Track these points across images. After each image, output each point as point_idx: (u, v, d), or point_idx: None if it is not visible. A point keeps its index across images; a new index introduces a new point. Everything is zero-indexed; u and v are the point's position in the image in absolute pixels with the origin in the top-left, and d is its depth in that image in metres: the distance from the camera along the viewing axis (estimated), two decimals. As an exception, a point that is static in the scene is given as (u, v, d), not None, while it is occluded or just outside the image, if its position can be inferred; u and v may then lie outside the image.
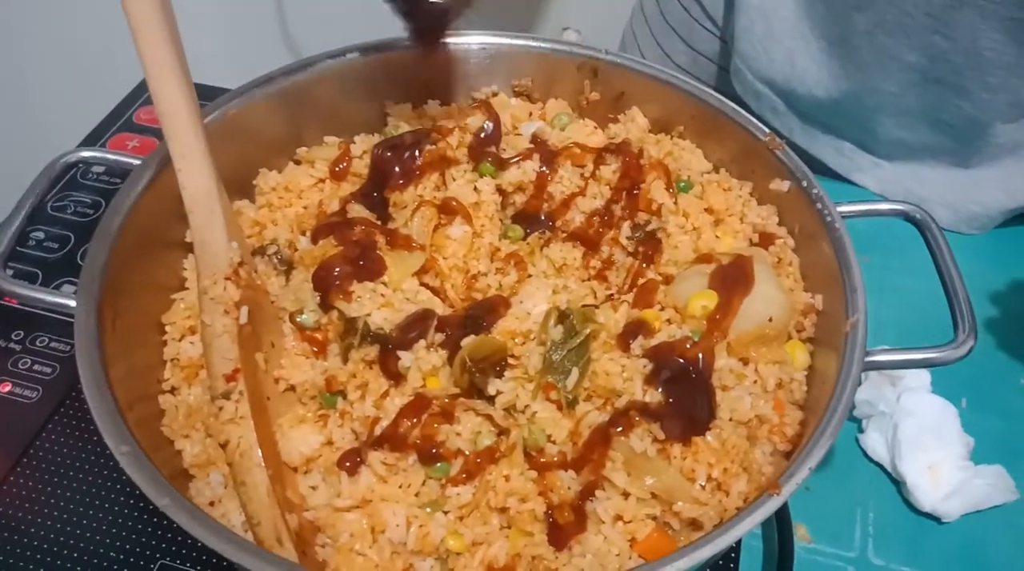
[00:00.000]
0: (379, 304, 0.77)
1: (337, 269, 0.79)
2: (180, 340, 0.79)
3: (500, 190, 0.88)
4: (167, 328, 0.80)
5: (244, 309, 0.72)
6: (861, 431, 0.91)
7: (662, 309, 0.77)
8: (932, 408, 0.89)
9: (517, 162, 0.88)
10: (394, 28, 1.00)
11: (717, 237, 0.84)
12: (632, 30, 1.40)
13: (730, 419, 0.71)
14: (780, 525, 0.81)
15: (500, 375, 0.73)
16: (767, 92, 1.16)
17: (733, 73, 1.19)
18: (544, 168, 0.88)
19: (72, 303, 0.71)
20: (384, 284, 0.80)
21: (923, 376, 0.92)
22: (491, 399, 0.72)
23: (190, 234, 0.76)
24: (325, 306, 0.78)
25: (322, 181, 0.90)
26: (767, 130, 0.85)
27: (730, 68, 1.20)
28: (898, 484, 0.87)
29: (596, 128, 0.94)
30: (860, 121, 1.10)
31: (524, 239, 0.85)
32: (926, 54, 0.98)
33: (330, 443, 0.72)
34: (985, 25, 0.91)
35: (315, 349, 0.77)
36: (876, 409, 0.90)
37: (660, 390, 0.70)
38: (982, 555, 0.83)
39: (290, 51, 1.93)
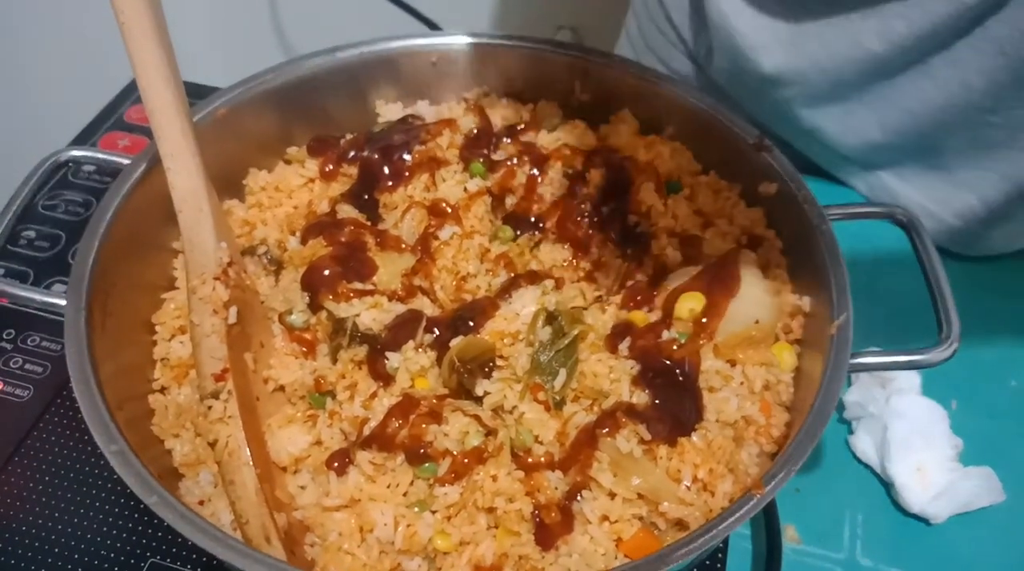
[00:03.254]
0: (368, 305, 0.77)
1: (326, 270, 0.79)
2: (170, 340, 0.80)
3: (491, 192, 0.88)
4: (157, 328, 0.80)
5: (233, 309, 0.72)
6: (851, 433, 0.91)
7: (650, 310, 0.77)
8: (921, 410, 0.89)
9: (508, 163, 0.89)
10: (386, 27, 1.00)
11: (706, 239, 0.84)
12: (621, 51, 1.40)
13: (716, 420, 0.71)
14: (769, 526, 0.82)
15: (488, 376, 0.73)
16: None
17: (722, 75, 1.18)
18: (534, 170, 0.88)
19: (62, 302, 0.71)
20: (374, 285, 0.80)
21: (913, 378, 0.92)
22: (479, 400, 0.72)
23: (180, 238, 0.76)
24: (314, 306, 0.78)
25: (312, 181, 0.91)
26: (756, 132, 0.85)
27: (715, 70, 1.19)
28: (887, 486, 0.87)
29: (586, 129, 0.95)
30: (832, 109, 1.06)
31: (514, 240, 0.86)
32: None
33: (319, 443, 0.73)
34: None
35: (304, 349, 0.77)
36: (866, 411, 0.90)
37: (647, 391, 0.71)
38: (970, 556, 0.83)
39: (283, 49, 1.93)
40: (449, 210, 0.86)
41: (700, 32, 1.15)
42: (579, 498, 0.68)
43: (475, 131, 0.92)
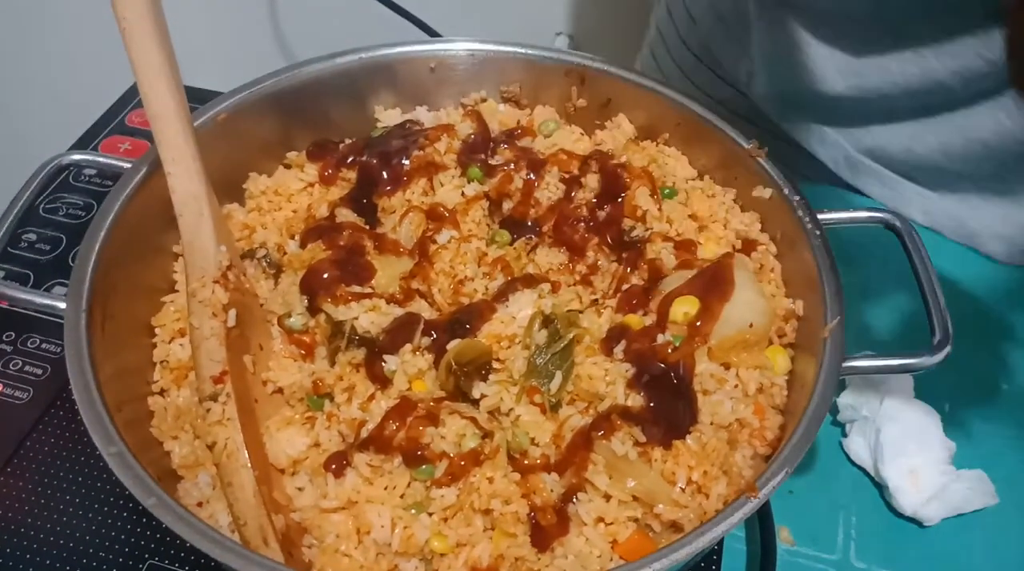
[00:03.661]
0: (366, 308, 0.77)
1: (325, 273, 0.79)
2: (169, 342, 0.80)
3: (488, 196, 0.89)
4: (156, 330, 0.81)
5: (232, 312, 0.73)
6: (844, 435, 0.92)
7: (645, 314, 0.78)
8: (914, 413, 0.90)
9: (505, 168, 0.89)
10: (386, 33, 1.01)
11: (701, 243, 0.85)
12: (642, 66, 1.39)
13: (711, 423, 0.72)
14: (763, 527, 0.82)
15: (485, 378, 0.74)
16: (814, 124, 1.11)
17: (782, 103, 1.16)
18: (531, 175, 0.89)
19: (62, 305, 0.72)
20: (372, 288, 0.81)
21: (906, 381, 0.93)
22: (476, 402, 0.73)
23: (180, 241, 0.77)
24: (313, 309, 0.79)
25: (311, 185, 0.91)
26: (750, 138, 0.86)
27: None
28: (880, 488, 0.88)
29: (583, 134, 0.95)
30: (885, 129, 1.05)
31: (511, 244, 0.86)
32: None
33: (317, 445, 0.73)
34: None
35: (303, 352, 0.78)
36: (859, 414, 0.91)
37: (642, 394, 0.72)
38: (962, 559, 0.84)
39: (283, 53, 1.94)
40: (447, 214, 0.86)
41: (741, 58, 1.13)
42: (575, 500, 0.69)
43: (473, 136, 0.93)
